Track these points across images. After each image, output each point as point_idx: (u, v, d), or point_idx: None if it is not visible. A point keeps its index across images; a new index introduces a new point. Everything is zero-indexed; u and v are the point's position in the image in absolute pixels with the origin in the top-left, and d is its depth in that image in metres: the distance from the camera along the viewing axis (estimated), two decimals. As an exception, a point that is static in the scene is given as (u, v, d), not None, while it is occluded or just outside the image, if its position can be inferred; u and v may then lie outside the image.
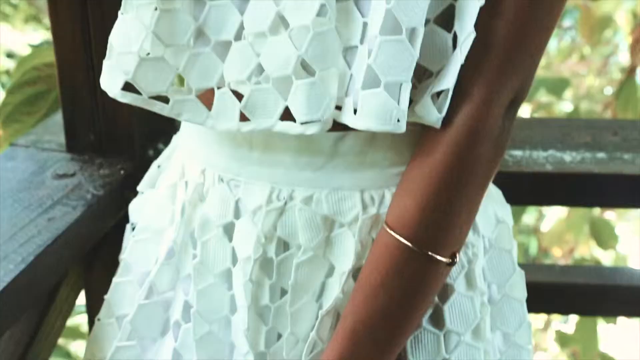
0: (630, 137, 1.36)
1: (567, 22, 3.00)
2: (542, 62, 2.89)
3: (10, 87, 1.42)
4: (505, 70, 0.78)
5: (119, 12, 0.83)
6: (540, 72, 3.06)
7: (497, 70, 0.77)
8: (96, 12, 1.18)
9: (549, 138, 1.37)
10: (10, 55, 3.24)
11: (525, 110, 3.00)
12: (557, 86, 2.46)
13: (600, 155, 1.32)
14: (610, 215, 3.03)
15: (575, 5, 2.73)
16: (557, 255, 3.14)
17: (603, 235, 2.58)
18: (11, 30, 3.29)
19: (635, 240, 3.16)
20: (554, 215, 3.01)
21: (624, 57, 3.01)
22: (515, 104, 0.80)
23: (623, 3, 2.92)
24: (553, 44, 3.25)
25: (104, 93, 0.84)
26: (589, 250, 2.98)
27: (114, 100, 0.83)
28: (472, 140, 0.78)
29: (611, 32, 2.99)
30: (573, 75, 3.19)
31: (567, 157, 1.31)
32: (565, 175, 1.27)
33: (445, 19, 0.77)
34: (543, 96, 2.59)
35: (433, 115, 0.77)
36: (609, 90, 3.16)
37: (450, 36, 0.77)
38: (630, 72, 2.61)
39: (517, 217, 2.61)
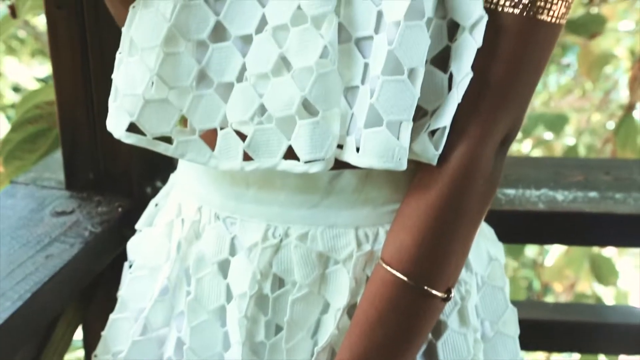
0: (622, 177, 1.38)
1: (567, 58, 3.02)
2: (543, 98, 2.90)
3: (13, 125, 1.45)
4: (499, 109, 0.80)
5: (117, 52, 0.85)
6: (541, 108, 3.08)
7: (490, 109, 0.79)
8: (96, 52, 1.20)
9: (542, 177, 1.38)
10: (16, 89, 3.28)
11: (525, 146, 3.02)
12: (556, 122, 2.48)
13: (592, 194, 1.33)
14: (612, 250, 3.03)
15: (574, 42, 2.76)
16: (559, 291, 3.14)
17: (603, 272, 2.58)
18: (18, 64, 3.33)
19: (637, 275, 3.16)
20: (556, 251, 3.02)
21: (624, 93, 3.03)
22: (507, 142, 0.82)
23: (622, 40, 2.95)
24: (553, 80, 3.28)
25: (103, 131, 0.87)
26: (590, 286, 2.97)
27: (113, 139, 0.85)
28: (466, 177, 0.80)
29: (611, 69, 3.01)
30: (574, 111, 3.22)
31: (560, 196, 1.33)
32: (557, 214, 1.29)
33: (441, 59, 0.79)
34: (543, 132, 2.60)
35: (430, 152, 0.79)
36: (611, 125, 3.17)
37: (446, 76, 0.79)
38: (629, 108, 2.63)
39: (519, 251, 2.63)
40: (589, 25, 2.26)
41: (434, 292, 0.81)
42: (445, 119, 0.78)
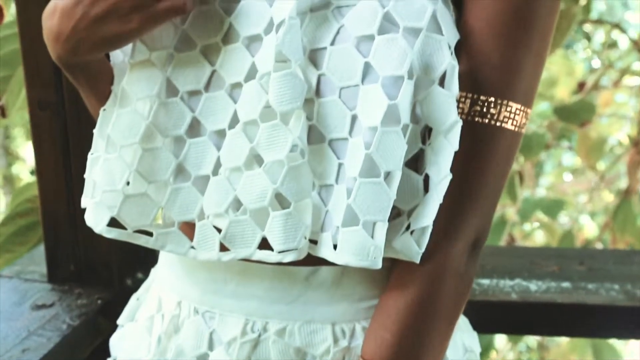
0: (595, 267, 1.39)
1: (566, 142, 3.05)
2: (545, 182, 2.91)
3: (4, 219, 1.49)
4: (469, 209, 0.83)
5: (89, 153, 0.89)
6: (541, 191, 3.10)
7: (461, 209, 0.82)
8: (77, 150, 1.25)
9: (517, 267, 1.40)
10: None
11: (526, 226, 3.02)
12: (553, 207, 2.50)
13: (565, 284, 1.34)
14: (617, 334, 2.99)
15: (573, 128, 2.79)
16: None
17: (606, 357, 2.56)
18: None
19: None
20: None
21: (622, 178, 3.05)
22: (477, 246, 0.85)
23: (620, 125, 2.98)
24: (550, 165, 3.30)
25: (84, 225, 0.89)
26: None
27: (93, 232, 0.88)
28: (442, 275, 0.83)
29: (609, 153, 3.03)
30: (574, 194, 3.23)
31: (533, 286, 1.34)
32: (529, 305, 1.30)
33: (414, 160, 0.82)
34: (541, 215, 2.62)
35: (413, 250, 0.81)
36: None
37: (421, 178, 0.81)
38: (627, 193, 2.64)
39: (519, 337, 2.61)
40: (580, 113, 2.30)
41: None
42: (427, 219, 0.80)
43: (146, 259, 1.32)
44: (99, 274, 1.31)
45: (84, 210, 0.90)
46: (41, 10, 0.84)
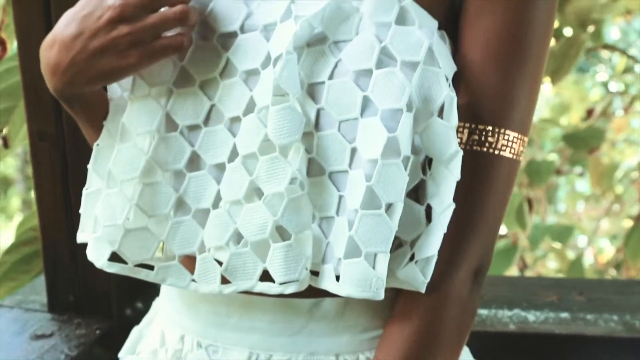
0: (595, 297, 1.38)
1: (578, 168, 3.05)
2: (559, 207, 2.89)
3: (8, 247, 1.50)
4: (470, 237, 0.83)
5: (84, 189, 0.90)
6: (553, 218, 3.09)
7: (462, 237, 0.83)
8: (76, 181, 1.27)
9: (516, 297, 1.39)
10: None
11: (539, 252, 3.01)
12: (562, 234, 2.49)
13: (564, 315, 1.34)
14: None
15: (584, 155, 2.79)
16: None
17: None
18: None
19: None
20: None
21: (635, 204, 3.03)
22: (480, 273, 0.85)
23: (633, 151, 2.97)
24: (564, 191, 3.29)
25: (83, 255, 0.89)
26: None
27: (90, 263, 0.88)
28: (446, 303, 0.83)
29: (624, 179, 3.02)
30: (588, 220, 3.21)
31: (531, 316, 1.34)
32: (527, 336, 1.29)
33: (415, 190, 0.83)
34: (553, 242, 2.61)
35: (419, 280, 0.81)
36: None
37: (422, 208, 0.82)
38: (638, 219, 2.63)
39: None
40: (588, 140, 2.29)
41: None
42: (432, 249, 0.80)
43: (146, 289, 1.32)
44: (99, 304, 1.32)
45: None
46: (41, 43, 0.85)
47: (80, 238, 0.93)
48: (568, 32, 2.37)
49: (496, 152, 0.82)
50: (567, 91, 3.05)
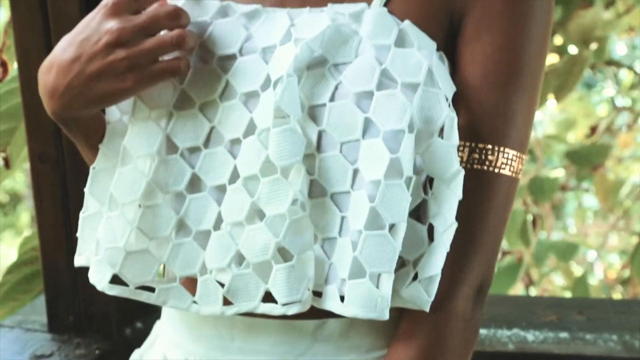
0: (594, 317, 1.38)
1: (585, 184, 3.04)
2: (565, 223, 2.88)
3: (9, 267, 1.51)
4: (471, 254, 0.84)
5: (81, 212, 0.91)
6: (559, 234, 3.08)
7: (464, 254, 0.84)
8: (76, 202, 1.27)
9: (515, 317, 1.39)
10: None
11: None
12: (567, 250, 2.48)
13: (563, 335, 1.33)
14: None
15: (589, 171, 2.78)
16: None
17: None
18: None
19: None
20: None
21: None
22: (482, 290, 0.86)
23: (638, 167, 2.96)
24: (572, 206, 3.28)
25: (83, 276, 0.90)
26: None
27: (90, 283, 0.88)
28: (450, 321, 0.83)
29: (629, 195, 3.01)
30: (596, 236, 3.20)
31: (530, 336, 1.33)
32: (526, 356, 1.29)
33: (416, 210, 0.83)
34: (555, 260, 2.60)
35: (423, 299, 0.81)
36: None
37: (425, 227, 0.82)
38: (644, 235, 2.62)
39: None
40: (592, 157, 2.29)
41: None
42: (435, 268, 0.81)
43: (146, 309, 1.33)
44: (98, 324, 1.33)
45: (82, 261, 0.91)
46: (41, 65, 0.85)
47: (77, 261, 0.93)
48: (573, 49, 2.37)
49: (496, 170, 0.83)
50: (572, 107, 3.04)
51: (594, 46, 2.28)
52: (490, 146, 0.83)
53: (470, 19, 0.83)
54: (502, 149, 0.83)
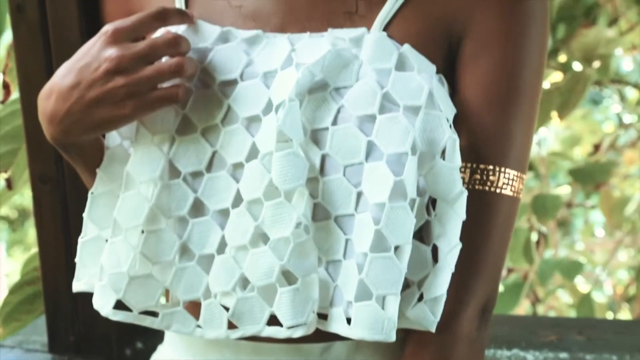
0: (594, 337, 1.38)
1: (590, 201, 3.03)
2: (567, 241, 2.88)
3: (11, 288, 1.51)
4: (475, 274, 0.85)
5: (80, 237, 0.91)
6: (563, 251, 3.08)
7: (467, 274, 0.84)
8: (77, 223, 1.26)
9: (516, 337, 1.39)
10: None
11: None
12: (572, 268, 2.48)
13: (563, 355, 1.33)
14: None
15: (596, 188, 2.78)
16: None
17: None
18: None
19: None
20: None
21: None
22: (487, 310, 0.87)
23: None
24: (579, 222, 3.28)
25: (83, 296, 0.91)
26: None
27: (91, 305, 0.89)
28: (456, 341, 0.84)
29: (635, 211, 3.00)
30: (604, 252, 3.20)
31: (530, 356, 1.33)
32: (525, 377, 1.29)
33: (421, 232, 0.84)
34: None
35: (429, 320, 0.82)
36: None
37: (429, 249, 0.83)
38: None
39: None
40: (595, 175, 2.29)
41: None
42: (440, 289, 0.81)
43: (146, 329, 1.32)
44: (99, 344, 1.33)
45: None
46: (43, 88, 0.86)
47: (76, 287, 0.93)
48: (577, 66, 2.38)
49: (498, 190, 0.84)
50: (578, 124, 3.05)
51: (597, 64, 2.29)
52: (491, 167, 0.84)
53: (468, 42, 0.84)
54: (503, 169, 0.84)
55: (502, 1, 0.83)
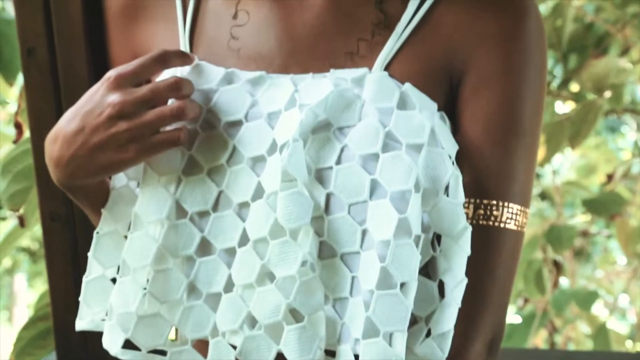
0: (605, 371, 1.37)
1: (607, 230, 3.01)
2: (590, 267, 2.85)
3: (26, 323, 1.53)
4: (482, 308, 0.86)
5: (84, 277, 0.93)
6: (582, 281, 3.05)
7: (474, 309, 0.85)
8: (87, 262, 1.29)
9: (523, 371, 1.39)
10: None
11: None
12: (587, 299, 2.47)
13: (572, 389, 1.33)
14: None
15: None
16: None
17: None
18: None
19: None
20: None
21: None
22: (495, 343, 0.87)
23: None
24: (598, 251, 3.25)
25: (93, 335, 0.93)
26: None
27: (101, 343, 0.91)
28: None
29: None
30: (622, 281, 3.17)
31: (538, 391, 1.33)
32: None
33: (426, 268, 0.85)
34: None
35: (437, 355, 0.83)
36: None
37: (435, 284, 0.84)
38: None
39: None
40: (608, 205, 2.28)
41: None
42: (447, 324, 0.82)
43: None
44: (109, 381, 1.34)
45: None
46: (52, 128, 0.88)
47: (79, 326, 0.95)
48: (590, 95, 2.38)
49: (502, 225, 0.85)
50: (592, 152, 3.04)
51: (608, 94, 2.29)
52: (494, 202, 0.85)
53: (468, 79, 0.86)
54: (506, 204, 0.85)
55: (502, 37, 0.85)
